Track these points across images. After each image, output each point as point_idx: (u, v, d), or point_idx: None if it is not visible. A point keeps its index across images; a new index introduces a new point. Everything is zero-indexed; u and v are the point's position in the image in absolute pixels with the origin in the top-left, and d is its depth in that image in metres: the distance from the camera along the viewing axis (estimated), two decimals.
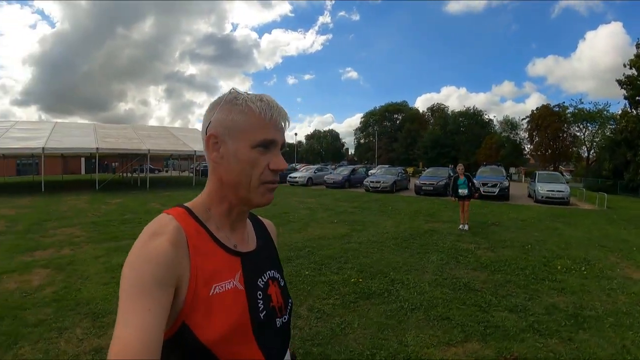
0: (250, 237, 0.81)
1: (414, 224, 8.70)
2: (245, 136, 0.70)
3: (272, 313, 0.75)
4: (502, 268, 5.15)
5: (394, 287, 4.42)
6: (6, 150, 17.43)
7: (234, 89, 0.75)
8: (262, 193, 0.73)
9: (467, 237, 7.31)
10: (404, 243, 6.69)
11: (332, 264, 5.38)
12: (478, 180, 15.69)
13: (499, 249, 6.40)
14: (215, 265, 0.69)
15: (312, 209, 11.45)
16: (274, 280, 0.80)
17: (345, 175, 20.98)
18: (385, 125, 59.39)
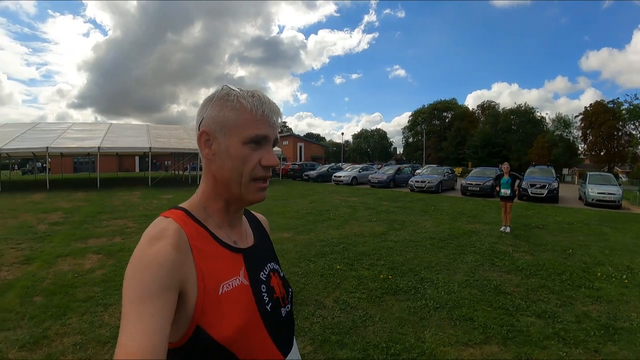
0: (248, 232, 0.82)
1: (454, 225, 8.47)
2: (237, 132, 0.70)
3: (276, 304, 0.77)
4: (538, 272, 4.89)
5: (422, 285, 4.42)
6: (65, 150, 18.94)
7: (227, 85, 0.74)
8: (255, 190, 0.72)
9: (507, 240, 6.98)
10: (440, 243, 6.58)
11: (364, 260, 5.47)
12: (526, 181, 14.73)
13: (538, 252, 6.06)
14: (220, 264, 0.69)
15: (353, 207, 11.54)
16: (274, 271, 0.81)
17: (390, 174, 20.65)
18: (434, 123, 57.04)
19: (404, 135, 59.83)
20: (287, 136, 61.23)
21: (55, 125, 23.22)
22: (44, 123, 24.70)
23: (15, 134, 19.11)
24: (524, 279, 4.64)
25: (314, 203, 12.51)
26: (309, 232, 7.53)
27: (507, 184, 7.90)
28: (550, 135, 40.31)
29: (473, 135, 46.46)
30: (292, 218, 9.35)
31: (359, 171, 23.14)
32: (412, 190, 17.71)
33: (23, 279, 4.42)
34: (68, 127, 22.16)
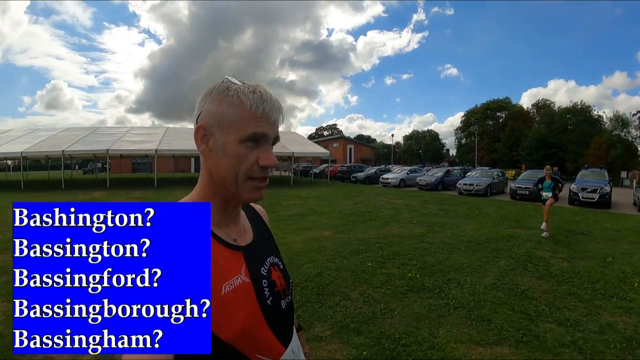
0: (247, 227, 0.81)
1: (495, 229, 8.19)
2: (234, 130, 0.67)
3: (277, 297, 0.77)
4: (571, 280, 4.68)
5: (448, 285, 4.50)
6: (124, 152, 20.54)
7: (227, 78, 0.71)
8: (251, 189, 0.70)
9: (547, 245, 6.65)
10: (476, 247, 6.48)
11: (396, 260, 5.63)
12: (577, 185, 13.56)
13: (576, 259, 5.72)
14: (221, 264, 0.68)
15: (397, 209, 11.56)
16: (275, 265, 0.81)
17: (438, 177, 20.08)
18: (487, 124, 53.45)
19: (457, 136, 56.94)
20: (337, 138, 61.45)
21: (115, 129, 25.06)
22: (104, 127, 26.82)
23: (77, 137, 21.01)
24: (555, 285, 4.50)
25: (358, 204, 12.71)
26: (349, 232, 7.79)
27: (549, 187, 7.50)
28: (607, 136, 35.88)
29: (527, 136, 43.08)
30: (334, 218, 9.67)
31: (407, 173, 22.75)
32: (460, 193, 17.08)
33: None
34: (127, 131, 23.61)
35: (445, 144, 65.44)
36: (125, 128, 25.73)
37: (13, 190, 18.17)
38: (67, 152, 19.24)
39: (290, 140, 24.89)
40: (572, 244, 6.77)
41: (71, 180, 26.51)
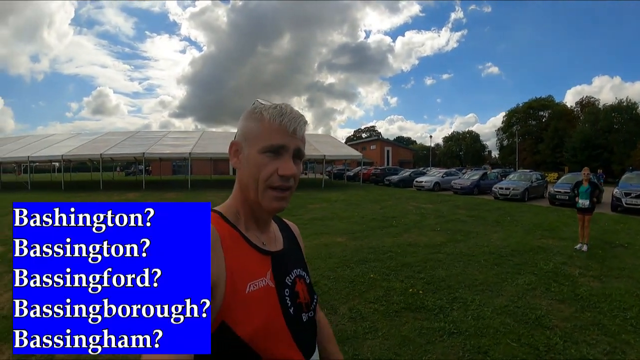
0: (277, 237, 0.83)
1: (524, 239, 7.30)
2: (256, 142, 0.71)
3: (299, 308, 0.77)
4: (599, 305, 3.91)
5: (451, 305, 3.98)
6: (160, 155, 21.24)
7: (257, 100, 0.76)
8: (271, 198, 0.72)
9: (579, 260, 5.74)
10: (498, 260, 5.78)
11: (403, 272, 5.16)
12: (620, 190, 11.84)
13: (610, 278, 4.84)
14: (249, 264, 0.70)
15: (423, 215, 10.87)
16: (301, 277, 0.81)
17: (474, 180, 18.64)
18: (530, 124, 49.12)
19: (498, 137, 52.95)
20: (374, 140, 60.32)
21: (153, 134, 25.94)
22: (143, 131, 27.94)
23: (116, 141, 22.11)
24: (578, 311, 3.78)
25: (385, 209, 12.15)
26: (364, 239, 7.38)
27: (586, 193, 6.50)
28: None
29: (571, 136, 39.07)
30: (354, 223, 9.27)
31: (442, 176, 21.53)
32: (496, 197, 15.71)
33: None
34: (164, 135, 24.19)
35: (487, 146, 61.46)
36: (163, 132, 26.52)
37: (54, 191, 19.28)
38: (105, 155, 20.22)
39: (323, 143, 24.67)
40: (608, 259, 5.79)
41: (111, 181, 27.65)
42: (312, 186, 23.08)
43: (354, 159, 26.58)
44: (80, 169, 37.36)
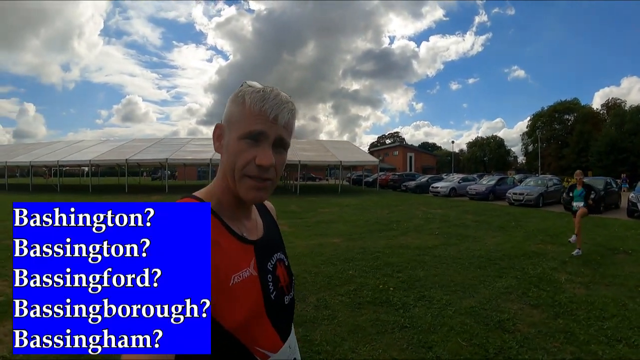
0: (258, 223, 0.79)
1: (521, 244, 6.86)
2: (236, 127, 0.66)
3: (280, 292, 0.75)
4: (576, 312, 3.57)
5: (416, 303, 3.83)
6: (182, 161, 21.71)
7: (245, 82, 0.71)
8: (248, 188, 0.67)
9: (571, 266, 5.30)
10: (484, 263, 5.48)
11: (383, 270, 5.05)
12: (636, 194, 10.87)
13: (599, 285, 4.42)
14: (232, 256, 0.67)
15: (428, 219, 10.54)
16: (280, 261, 0.79)
17: (490, 186, 17.77)
18: (555, 128, 46.32)
19: (524, 142, 50.06)
20: (397, 146, 59.25)
21: (178, 140, 26.68)
22: (168, 138, 28.73)
23: (142, 147, 22.86)
24: (549, 317, 3.47)
25: (392, 214, 11.88)
26: (359, 240, 7.27)
27: (580, 196, 6.05)
28: None
29: (597, 139, 36.42)
30: (356, 226, 9.16)
31: (459, 182, 20.72)
32: (511, 203, 14.86)
33: None
34: (187, 142, 24.62)
35: (512, 151, 58.60)
36: (187, 139, 27.02)
37: (81, 193, 20.07)
38: (130, 160, 20.90)
39: (341, 149, 24.52)
40: (604, 266, 5.31)
41: (137, 185, 28.09)
42: (329, 192, 22.95)
43: (371, 164, 26.28)
44: (108, 173, 37.65)
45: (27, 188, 23.24)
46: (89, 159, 21.66)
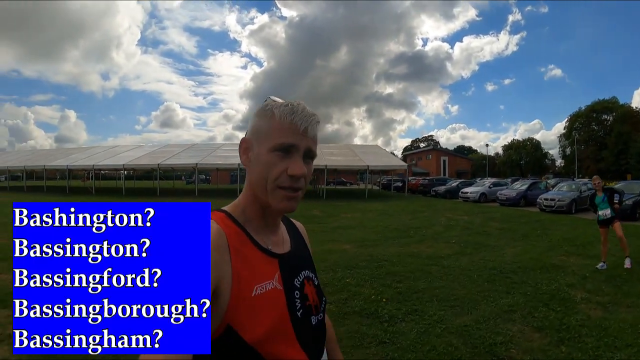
0: (285, 238, 0.76)
1: (542, 255, 6.12)
2: (266, 140, 0.66)
3: (308, 311, 0.70)
4: (585, 338, 3.01)
5: (405, 317, 3.51)
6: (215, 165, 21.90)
7: (270, 97, 0.71)
8: (280, 198, 0.66)
9: (592, 282, 4.58)
10: (494, 276, 4.94)
11: (382, 280, 4.75)
12: None
13: (619, 307, 3.74)
14: (256, 267, 0.64)
15: (450, 226, 9.88)
16: (309, 279, 0.75)
17: (521, 191, 16.31)
18: (593, 128, 41.71)
19: (561, 144, 45.57)
20: (430, 150, 56.98)
21: (209, 146, 27.06)
22: (201, 143, 29.07)
23: (175, 152, 23.38)
24: (552, 343, 2.97)
25: (415, 220, 11.28)
26: (370, 247, 6.95)
27: (603, 202, 5.24)
28: None
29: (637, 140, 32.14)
30: (372, 232, 8.82)
31: (489, 187, 19.36)
32: (542, 209, 13.48)
33: None
34: (218, 147, 24.75)
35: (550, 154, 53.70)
36: (218, 144, 27.36)
37: (115, 195, 20.63)
38: (163, 165, 21.32)
39: (369, 154, 23.85)
40: (630, 283, 4.51)
41: (170, 189, 28.07)
42: (356, 197, 22.32)
43: (400, 169, 25.41)
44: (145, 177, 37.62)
45: (64, 190, 24.09)
46: (123, 163, 22.13)
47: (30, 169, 26.51)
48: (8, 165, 26.90)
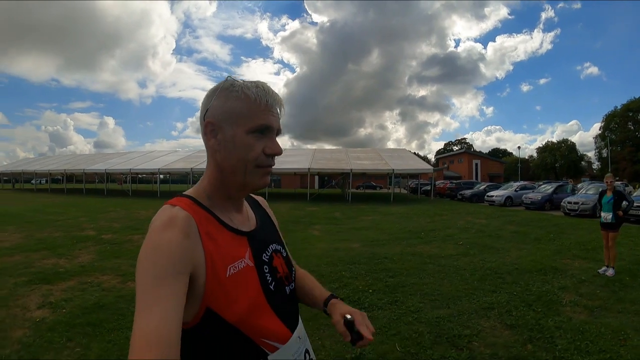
0: (250, 215, 0.75)
1: (545, 259, 5.71)
2: (242, 122, 0.63)
3: (280, 282, 0.70)
4: (557, 340, 2.86)
5: (385, 306, 3.59)
6: None
7: (230, 77, 0.67)
8: (259, 176, 0.66)
9: (587, 286, 4.22)
10: (487, 276, 4.74)
11: (376, 275, 4.82)
12: None
13: (607, 312, 3.45)
14: (227, 247, 0.63)
15: (465, 229, 9.44)
16: (277, 252, 0.74)
17: (546, 194, 15.01)
18: (629, 128, 37.00)
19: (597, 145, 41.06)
20: (462, 153, 54.18)
21: None
22: None
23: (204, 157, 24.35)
24: (519, 342, 2.85)
25: (432, 223, 10.82)
26: (377, 247, 6.96)
27: (608, 204, 4.78)
28: None
29: None
30: (385, 233, 8.73)
31: (516, 190, 18.09)
32: (566, 213, 12.30)
33: None
34: None
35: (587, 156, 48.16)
36: None
37: (150, 198, 21.46)
38: (195, 169, 20.92)
39: (396, 157, 22.91)
40: (629, 289, 4.10)
41: None
42: (382, 200, 21.66)
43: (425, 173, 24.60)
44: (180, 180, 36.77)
45: (103, 192, 25.05)
46: (158, 168, 22.55)
47: (70, 172, 26.90)
48: (49, 169, 27.36)
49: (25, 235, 7.60)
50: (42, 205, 15.19)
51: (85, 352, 2.63)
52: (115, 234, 8.03)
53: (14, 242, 6.81)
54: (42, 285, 4.19)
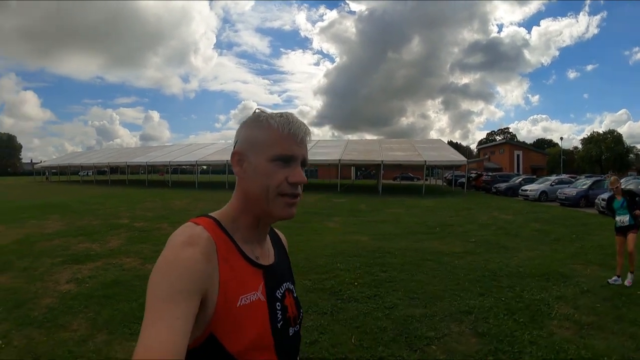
0: (270, 249, 0.68)
1: (555, 262, 4.92)
2: (264, 150, 0.58)
3: (287, 322, 0.63)
4: (525, 357, 2.46)
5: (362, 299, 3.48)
6: None
7: (259, 109, 0.63)
8: (282, 206, 0.59)
9: (588, 298, 3.53)
10: (483, 278, 4.25)
11: (370, 268, 4.64)
12: None
13: (598, 332, 2.84)
14: (242, 277, 0.57)
15: (485, 225, 8.50)
16: (290, 291, 0.67)
17: (582, 190, 12.86)
18: None
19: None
20: (502, 144, 48.64)
21: None
22: None
23: None
24: (482, 353, 2.51)
25: (455, 217, 9.87)
26: (385, 241, 6.56)
27: (622, 207, 3.96)
28: None
29: None
30: (401, 227, 8.15)
31: (551, 184, 15.85)
32: (600, 211, 10.32)
33: None
34: None
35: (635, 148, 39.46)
36: None
37: (188, 188, 20.73)
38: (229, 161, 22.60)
39: (428, 148, 20.86)
40: (635, 307, 3.32)
41: None
42: (414, 192, 19.86)
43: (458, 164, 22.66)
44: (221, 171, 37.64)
45: (144, 183, 24.85)
46: (196, 160, 21.91)
47: (114, 165, 26.64)
48: (94, 162, 27.31)
49: (66, 223, 7.76)
50: (87, 197, 14.89)
51: (96, 316, 3.03)
52: (146, 222, 8.01)
53: (56, 229, 7.00)
54: (74, 265, 4.47)
